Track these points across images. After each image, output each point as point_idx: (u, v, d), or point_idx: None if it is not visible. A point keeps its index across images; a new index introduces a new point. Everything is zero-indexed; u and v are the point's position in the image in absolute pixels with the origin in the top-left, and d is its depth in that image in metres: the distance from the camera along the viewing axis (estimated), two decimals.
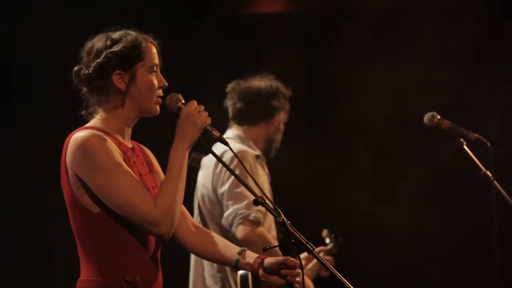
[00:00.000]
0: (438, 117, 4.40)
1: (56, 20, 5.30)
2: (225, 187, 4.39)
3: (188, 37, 5.79)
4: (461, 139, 4.34)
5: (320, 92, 6.14)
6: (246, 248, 3.12)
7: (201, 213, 4.54)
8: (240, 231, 4.30)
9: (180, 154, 2.97)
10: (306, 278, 4.51)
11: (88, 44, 3.07)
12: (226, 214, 4.37)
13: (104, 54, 3.00)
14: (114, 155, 2.92)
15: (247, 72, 4.72)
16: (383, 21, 6.11)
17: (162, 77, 3.08)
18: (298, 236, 2.91)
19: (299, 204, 5.68)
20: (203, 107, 3.02)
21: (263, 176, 4.57)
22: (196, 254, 3.24)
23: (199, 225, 3.24)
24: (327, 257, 4.82)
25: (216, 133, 3.01)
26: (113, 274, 2.96)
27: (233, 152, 3.13)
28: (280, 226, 2.92)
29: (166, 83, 3.08)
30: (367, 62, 6.07)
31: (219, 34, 5.98)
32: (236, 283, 4.22)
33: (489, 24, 6.06)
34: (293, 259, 2.96)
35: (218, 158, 3.10)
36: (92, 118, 3.07)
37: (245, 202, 4.31)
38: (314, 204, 6.11)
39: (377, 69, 6.05)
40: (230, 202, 4.36)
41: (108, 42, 3.03)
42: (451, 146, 4.35)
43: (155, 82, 3.05)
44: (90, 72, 3.02)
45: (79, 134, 2.95)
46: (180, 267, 4.75)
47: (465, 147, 4.33)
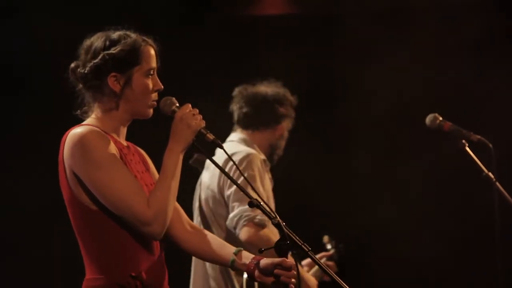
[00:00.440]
0: (440, 119, 4.38)
1: (56, 20, 5.32)
2: (232, 189, 4.37)
3: (188, 38, 5.79)
4: (463, 141, 4.33)
5: (320, 92, 6.14)
6: (242, 249, 3.12)
7: (203, 215, 4.52)
8: (244, 233, 4.28)
9: (174, 157, 2.97)
10: (311, 279, 4.50)
11: (87, 42, 3.06)
12: (232, 216, 4.34)
13: (101, 55, 2.99)
14: (111, 152, 2.93)
15: (247, 73, 4.71)
16: (384, 21, 6.09)
17: (158, 81, 3.07)
18: (294, 238, 2.90)
19: (298, 205, 5.68)
20: (198, 110, 3.01)
21: (268, 181, 4.55)
22: (192, 254, 3.22)
23: (195, 225, 3.24)
24: (329, 263, 4.83)
25: (211, 136, 3.01)
26: (118, 271, 2.95)
27: (228, 156, 3.10)
28: (276, 228, 2.92)
29: (162, 87, 3.07)
30: (367, 62, 6.05)
31: (219, 35, 5.97)
32: (242, 286, 4.23)
33: (489, 24, 6.03)
34: (289, 261, 2.95)
35: (214, 162, 3.09)
36: (87, 117, 3.07)
37: None
38: (313, 204, 6.11)
39: (378, 69, 6.03)
40: (236, 204, 4.34)
41: (107, 43, 3.02)
42: (453, 146, 4.34)
43: (151, 86, 3.04)
44: (86, 72, 3.02)
45: (77, 130, 2.96)
46: (182, 267, 4.76)
47: (467, 149, 4.31)
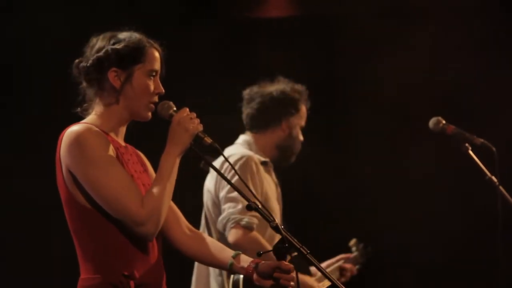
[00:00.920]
0: (443, 122, 4.38)
1: (56, 20, 5.32)
2: (224, 192, 4.39)
3: (188, 38, 5.80)
4: (467, 144, 4.32)
5: (321, 93, 6.13)
6: (241, 252, 3.13)
7: (206, 218, 4.54)
8: (232, 236, 4.30)
9: (171, 160, 2.98)
10: (310, 279, 4.49)
11: (93, 40, 3.10)
12: (221, 218, 4.37)
13: (105, 50, 3.04)
14: (107, 151, 2.94)
15: (247, 73, 4.71)
16: (384, 22, 6.08)
17: (160, 84, 3.09)
18: (292, 241, 2.91)
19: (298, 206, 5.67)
20: (195, 114, 3.02)
21: (270, 183, 4.55)
22: (191, 257, 3.23)
23: (194, 228, 3.25)
24: (347, 265, 4.82)
25: (208, 140, 3.01)
26: (111, 270, 2.95)
27: (226, 159, 3.12)
28: (275, 231, 2.92)
29: (163, 91, 3.09)
30: (368, 63, 6.05)
31: (219, 35, 5.97)
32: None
33: (491, 24, 6.01)
34: (287, 263, 2.96)
35: (212, 166, 3.11)
36: (88, 115, 3.09)
37: (240, 207, 4.30)
38: (312, 205, 6.11)
39: (378, 69, 6.02)
40: (226, 206, 4.36)
41: (112, 40, 3.06)
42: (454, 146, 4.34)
43: (151, 87, 3.06)
44: (88, 65, 3.05)
45: (73, 129, 2.97)
46: (182, 267, 4.76)
47: (470, 152, 4.31)
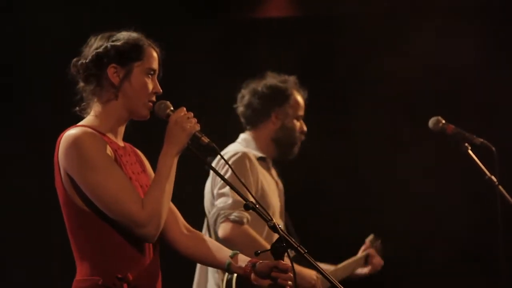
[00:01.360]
0: (443, 122, 4.38)
1: (56, 20, 5.34)
2: (216, 188, 4.40)
3: (188, 38, 5.81)
4: (466, 144, 4.32)
5: (321, 93, 6.14)
6: (239, 252, 3.13)
7: (207, 220, 4.52)
8: (221, 230, 4.29)
9: (169, 160, 2.99)
10: (308, 271, 4.48)
11: (91, 40, 3.11)
12: (211, 214, 4.37)
13: (104, 46, 3.05)
14: (105, 154, 2.95)
15: (247, 73, 4.71)
16: (384, 22, 6.09)
17: (158, 84, 3.10)
18: (290, 240, 2.91)
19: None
20: (192, 114, 3.03)
21: (268, 179, 4.55)
22: (189, 257, 3.23)
23: (192, 228, 3.25)
24: (376, 257, 4.85)
25: (205, 139, 3.02)
26: (107, 272, 2.96)
27: (223, 158, 3.12)
28: (272, 230, 2.92)
29: (161, 90, 3.10)
30: (368, 63, 6.05)
31: (219, 35, 5.98)
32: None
33: (491, 24, 6.00)
34: (285, 263, 2.97)
35: (209, 165, 3.13)
36: (86, 114, 3.10)
37: (230, 202, 4.30)
38: (312, 205, 6.11)
39: (379, 69, 6.03)
40: (217, 202, 4.36)
41: (111, 38, 3.08)
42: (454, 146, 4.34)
43: (150, 86, 3.07)
44: (87, 61, 3.06)
45: (71, 132, 2.98)
46: (182, 267, 4.77)
47: (470, 152, 4.31)
